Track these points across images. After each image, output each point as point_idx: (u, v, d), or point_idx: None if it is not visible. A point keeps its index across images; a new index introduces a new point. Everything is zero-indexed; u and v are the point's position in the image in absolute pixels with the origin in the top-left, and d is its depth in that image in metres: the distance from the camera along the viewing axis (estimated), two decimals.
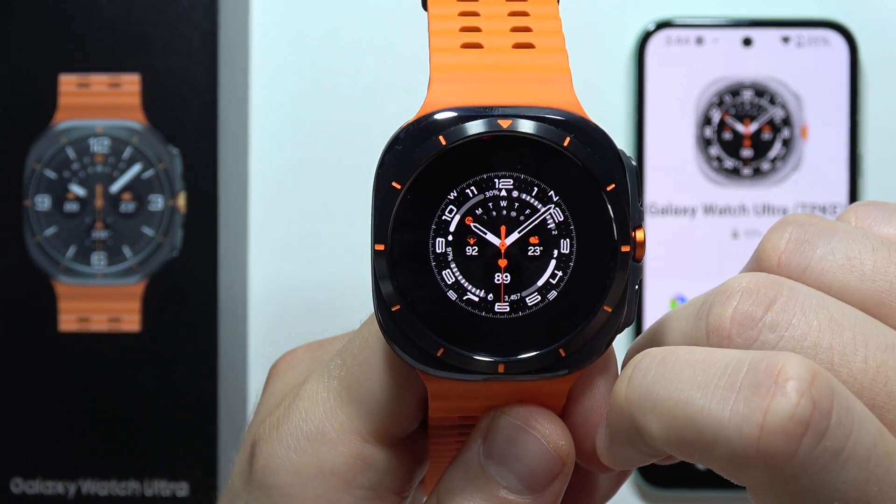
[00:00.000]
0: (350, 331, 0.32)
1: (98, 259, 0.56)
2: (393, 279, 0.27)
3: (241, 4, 0.58)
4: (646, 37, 0.58)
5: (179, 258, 0.55)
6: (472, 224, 0.27)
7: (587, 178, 0.27)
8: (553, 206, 0.27)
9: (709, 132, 0.58)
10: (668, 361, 0.25)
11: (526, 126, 0.27)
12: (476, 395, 0.28)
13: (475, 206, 0.27)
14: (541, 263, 0.27)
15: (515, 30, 0.28)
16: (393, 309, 0.27)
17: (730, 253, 0.58)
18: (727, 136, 0.58)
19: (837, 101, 0.58)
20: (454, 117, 0.27)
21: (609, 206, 0.27)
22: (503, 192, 0.27)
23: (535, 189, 0.27)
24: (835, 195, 0.58)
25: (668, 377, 0.25)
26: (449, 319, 0.27)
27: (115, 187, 0.56)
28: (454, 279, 0.27)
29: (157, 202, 0.56)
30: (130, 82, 0.55)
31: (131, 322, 0.55)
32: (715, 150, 0.58)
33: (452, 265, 0.27)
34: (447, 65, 0.28)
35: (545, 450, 0.28)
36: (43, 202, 0.56)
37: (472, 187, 0.27)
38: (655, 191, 0.58)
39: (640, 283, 0.28)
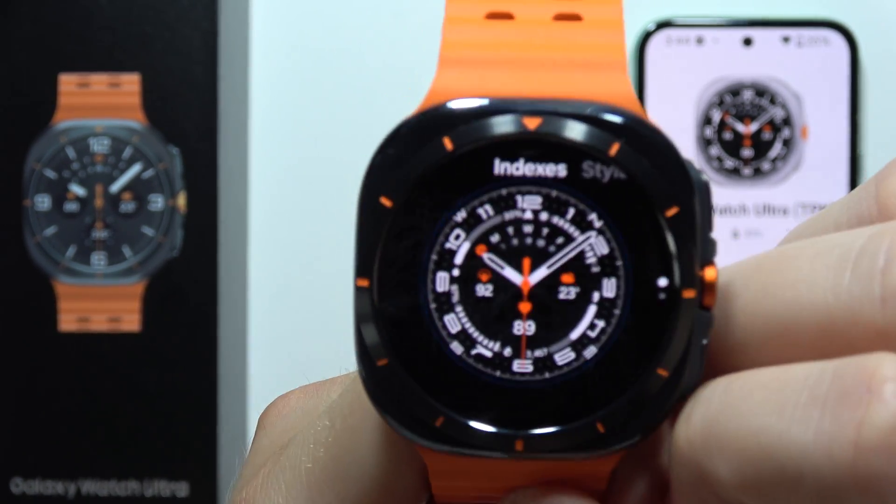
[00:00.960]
0: (353, 371, 0.26)
1: (98, 259, 0.56)
2: (379, 325, 0.21)
3: (241, 4, 0.58)
4: (646, 37, 0.58)
5: (179, 258, 0.55)
6: (485, 255, 0.21)
7: (641, 198, 0.20)
8: (595, 233, 0.21)
9: (709, 132, 0.58)
10: (733, 386, 0.20)
11: (561, 127, 0.20)
12: (489, 474, 0.22)
13: (490, 230, 0.21)
14: (576, 310, 0.21)
15: None
16: (379, 363, 0.21)
17: (730, 253, 0.58)
18: (727, 136, 0.58)
19: (837, 101, 0.58)
20: (465, 113, 0.20)
21: (669, 237, 0.20)
22: (528, 214, 0.21)
23: (572, 211, 0.21)
24: (835, 195, 0.58)
25: (735, 404, 0.19)
26: (452, 379, 0.21)
27: (115, 187, 0.56)
28: (460, 327, 0.21)
29: (157, 202, 0.56)
30: (130, 82, 0.55)
31: (131, 322, 0.55)
32: (715, 150, 0.58)
33: (458, 309, 0.21)
34: (464, 42, 0.21)
35: None
36: (43, 202, 0.56)
37: (487, 206, 0.21)
38: None
39: (709, 338, 0.21)
